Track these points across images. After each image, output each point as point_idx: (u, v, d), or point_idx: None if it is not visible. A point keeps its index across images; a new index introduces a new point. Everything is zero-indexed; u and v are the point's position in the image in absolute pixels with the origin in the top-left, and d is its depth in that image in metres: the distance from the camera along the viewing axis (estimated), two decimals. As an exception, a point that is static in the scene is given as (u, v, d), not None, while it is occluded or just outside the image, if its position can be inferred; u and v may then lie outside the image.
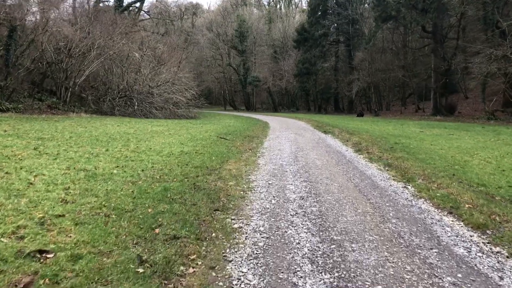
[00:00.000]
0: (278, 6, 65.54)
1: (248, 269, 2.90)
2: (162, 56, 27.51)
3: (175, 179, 5.55)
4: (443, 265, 3.03)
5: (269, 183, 5.71)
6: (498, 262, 3.12)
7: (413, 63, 33.12)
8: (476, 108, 29.31)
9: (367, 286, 2.67)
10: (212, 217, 4.00)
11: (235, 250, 3.25)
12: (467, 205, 4.57)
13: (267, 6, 65.22)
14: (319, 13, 39.90)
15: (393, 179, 6.29)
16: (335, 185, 5.63)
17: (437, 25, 28.74)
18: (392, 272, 2.87)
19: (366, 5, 40.25)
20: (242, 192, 5.11)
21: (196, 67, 53.52)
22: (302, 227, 3.74)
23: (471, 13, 24.89)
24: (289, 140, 12.10)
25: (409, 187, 5.73)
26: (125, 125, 14.72)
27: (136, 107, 22.57)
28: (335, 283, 2.70)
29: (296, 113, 40.95)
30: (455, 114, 27.77)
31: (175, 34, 44.81)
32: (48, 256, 2.81)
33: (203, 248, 3.25)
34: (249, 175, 6.35)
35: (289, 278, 2.76)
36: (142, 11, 45.34)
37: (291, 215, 4.15)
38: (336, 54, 41.22)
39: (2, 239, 3.01)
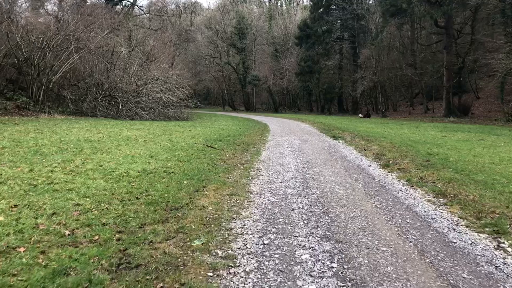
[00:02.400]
0: (279, 3, 63.17)
1: None
2: (152, 51, 25.09)
3: (96, 237, 3.10)
4: None
5: (264, 243, 3.22)
6: None
7: (422, 60, 30.70)
8: (490, 108, 27.25)
9: None
10: None
11: None
12: None
13: (267, 4, 62.82)
14: (322, 8, 37.54)
15: (467, 226, 3.86)
16: (383, 250, 3.13)
17: (451, 19, 26.37)
18: None
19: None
20: (210, 274, 2.65)
21: (194, 66, 51.16)
22: None
23: (493, 2, 22.47)
24: (293, 149, 9.65)
25: (507, 246, 3.31)
26: (96, 129, 12.28)
27: (120, 107, 20.13)
28: None
29: (298, 114, 38.60)
30: (469, 116, 25.54)
31: (169, 31, 42.33)
32: None
33: None
34: (233, 219, 3.89)
35: None
36: (136, 6, 42.89)
37: None
38: (341, 51, 38.92)
39: None
